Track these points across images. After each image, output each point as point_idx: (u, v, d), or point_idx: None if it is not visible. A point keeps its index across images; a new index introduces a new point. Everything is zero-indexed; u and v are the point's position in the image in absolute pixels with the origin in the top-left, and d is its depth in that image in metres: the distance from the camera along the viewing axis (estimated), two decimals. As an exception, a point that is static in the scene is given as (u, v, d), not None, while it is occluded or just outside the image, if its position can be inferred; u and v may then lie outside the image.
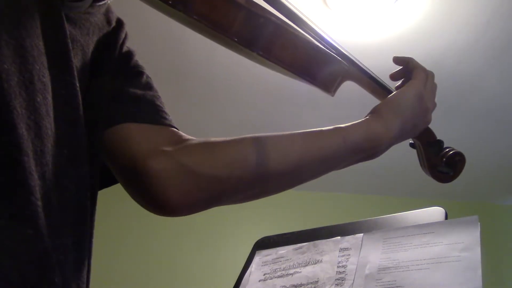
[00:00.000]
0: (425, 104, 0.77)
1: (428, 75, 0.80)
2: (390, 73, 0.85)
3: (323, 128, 0.71)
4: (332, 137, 0.70)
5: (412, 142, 0.86)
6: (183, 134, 0.69)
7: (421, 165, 0.85)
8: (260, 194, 0.69)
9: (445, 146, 0.84)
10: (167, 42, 2.18)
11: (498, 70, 2.40)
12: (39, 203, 0.44)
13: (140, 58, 0.75)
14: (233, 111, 2.72)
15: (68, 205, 0.51)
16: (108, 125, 0.64)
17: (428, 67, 0.81)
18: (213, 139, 0.67)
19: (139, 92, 0.69)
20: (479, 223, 0.65)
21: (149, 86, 0.71)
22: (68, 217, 0.51)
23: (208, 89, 2.52)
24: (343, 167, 0.72)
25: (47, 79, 0.50)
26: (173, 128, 0.69)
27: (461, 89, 2.52)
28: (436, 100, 0.81)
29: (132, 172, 0.64)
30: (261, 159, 0.65)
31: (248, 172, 0.65)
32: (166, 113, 0.70)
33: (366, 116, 0.74)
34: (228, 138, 0.67)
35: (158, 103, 0.70)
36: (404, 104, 0.75)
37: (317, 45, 0.70)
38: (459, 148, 0.84)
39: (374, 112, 0.74)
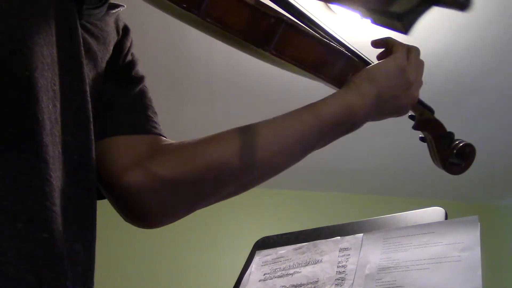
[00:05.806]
0: (406, 76, 0.74)
1: (411, 50, 0.77)
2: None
3: (296, 110, 0.70)
4: (304, 117, 0.69)
5: (423, 136, 0.86)
6: (167, 140, 0.69)
7: (432, 158, 0.85)
8: (245, 186, 0.68)
9: (455, 138, 0.84)
10: (166, 42, 2.18)
11: (498, 70, 2.40)
12: (54, 208, 0.45)
13: (139, 58, 0.75)
14: (233, 111, 2.72)
15: (78, 210, 0.52)
16: (99, 136, 0.64)
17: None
18: (192, 140, 0.67)
19: (132, 101, 0.69)
20: (479, 223, 0.65)
21: (143, 95, 0.71)
22: (78, 222, 0.52)
23: (207, 89, 2.52)
24: (327, 143, 0.71)
25: (57, 87, 0.51)
26: (158, 136, 0.69)
27: (461, 89, 2.52)
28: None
29: (109, 187, 0.64)
30: (240, 153, 0.65)
31: (226, 168, 0.65)
32: (156, 122, 0.70)
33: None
34: (208, 136, 0.66)
35: (149, 112, 0.70)
36: (380, 73, 0.73)
37: (328, 43, 0.71)
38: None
39: (347, 82, 0.73)
